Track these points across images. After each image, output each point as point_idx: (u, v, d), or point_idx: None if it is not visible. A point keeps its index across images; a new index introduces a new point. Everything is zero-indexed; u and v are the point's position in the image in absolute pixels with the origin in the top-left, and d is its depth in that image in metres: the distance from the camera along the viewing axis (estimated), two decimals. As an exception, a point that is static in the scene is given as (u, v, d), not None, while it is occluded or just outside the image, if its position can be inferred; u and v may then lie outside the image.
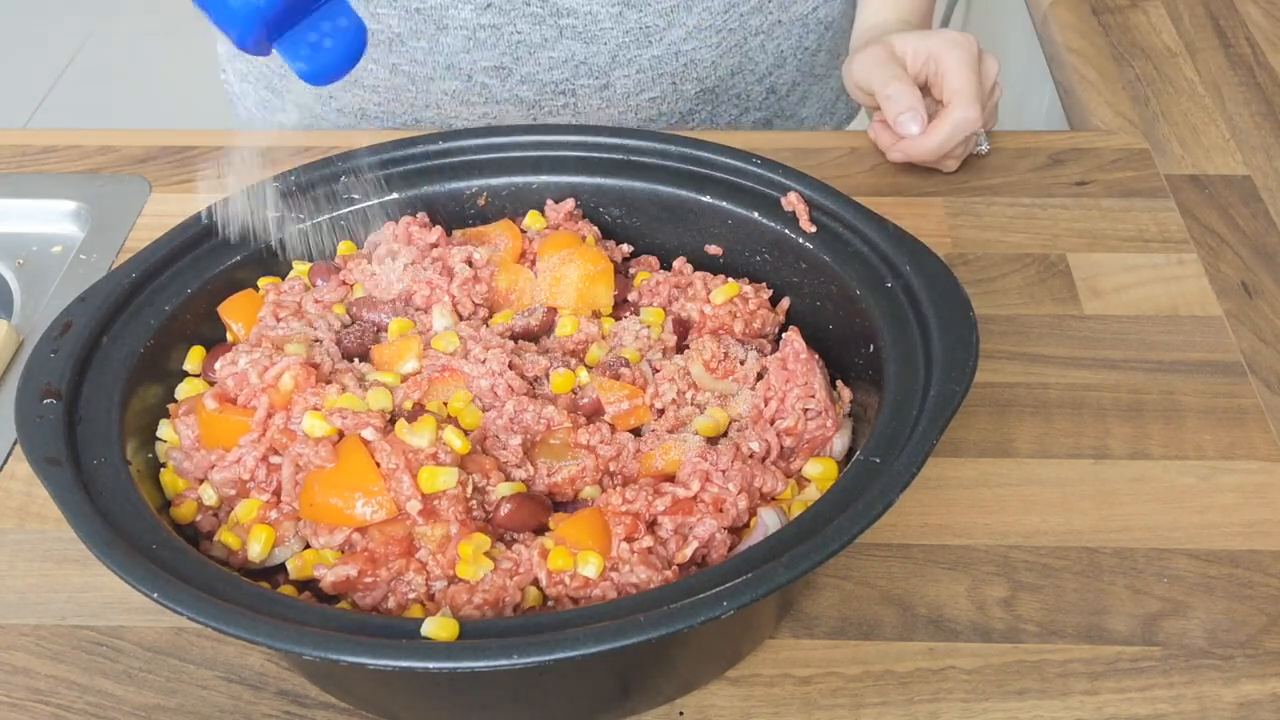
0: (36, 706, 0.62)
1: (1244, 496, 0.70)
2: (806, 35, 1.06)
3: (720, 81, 1.03)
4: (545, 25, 0.96)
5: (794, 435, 0.64)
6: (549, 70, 0.98)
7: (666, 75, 1.00)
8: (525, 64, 0.98)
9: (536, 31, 0.96)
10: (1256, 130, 0.99)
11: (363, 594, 0.57)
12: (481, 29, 0.96)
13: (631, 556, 0.57)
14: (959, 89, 0.86)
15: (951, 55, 0.87)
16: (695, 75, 1.01)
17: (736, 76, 1.03)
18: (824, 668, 0.63)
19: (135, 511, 0.57)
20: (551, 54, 0.97)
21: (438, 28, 0.96)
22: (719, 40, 0.99)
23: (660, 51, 0.98)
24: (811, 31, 1.06)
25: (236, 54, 1.09)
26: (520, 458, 0.62)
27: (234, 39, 0.58)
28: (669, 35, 0.97)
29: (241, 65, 1.09)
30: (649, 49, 0.97)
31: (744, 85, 1.05)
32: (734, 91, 1.05)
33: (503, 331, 0.69)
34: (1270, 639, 0.64)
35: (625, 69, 0.98)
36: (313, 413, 0.61)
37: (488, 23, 0.95)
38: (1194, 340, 0.80)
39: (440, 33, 0.96)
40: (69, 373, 0.62)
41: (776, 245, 0.72)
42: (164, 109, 2.64)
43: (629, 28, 0.96)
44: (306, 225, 0.73)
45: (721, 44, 1.00)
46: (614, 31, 0.96)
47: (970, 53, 0.88)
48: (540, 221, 0.75)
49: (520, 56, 0.97)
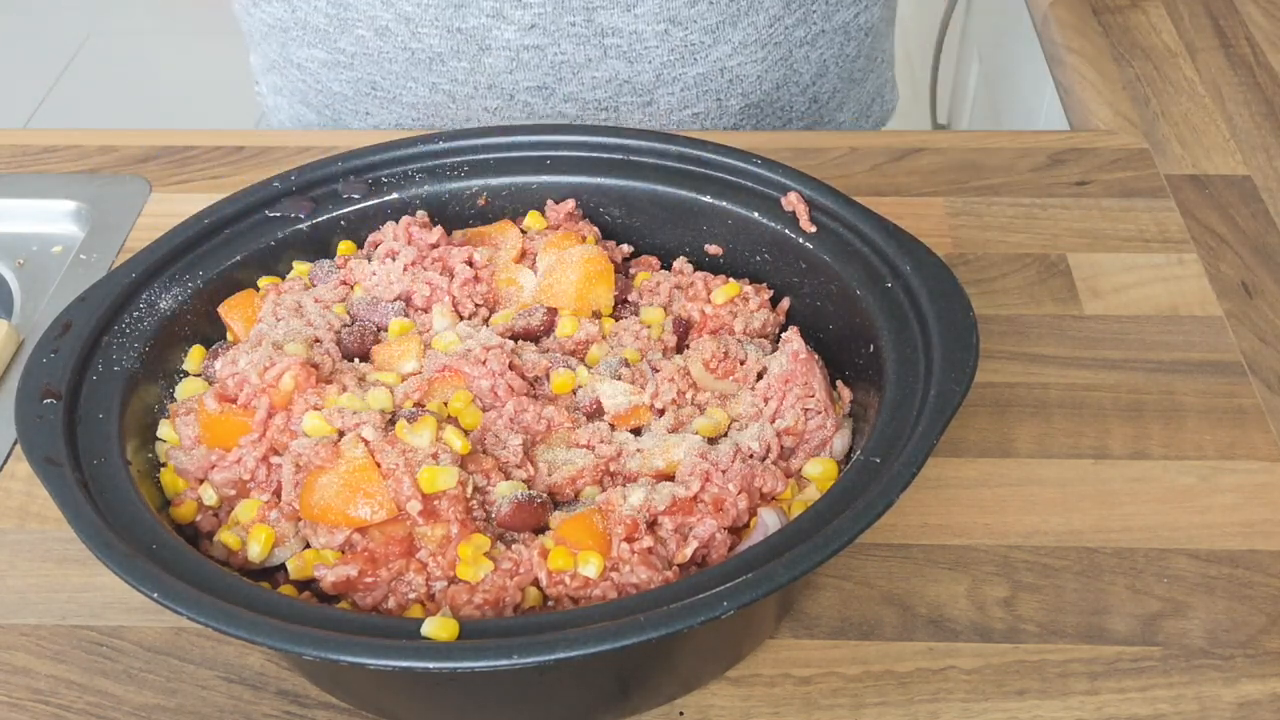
0: (36, 706, 0.62)
1: (1244, 496, 0.70)
2: (848, 43, 1.05)
3: (765, 95, 1.02)
4: (589, 45, 0.95)
5: (794, 435, 0.64)
6: (592, 89, 0.97)
7: (711, 92, 0.99)
8: (568, 83, 0.97)
9: (580, 51, 0.95)
10: (1256, 130, 0.99)
11: (363, 594, 0.57)
12: (525, 50, 0.95)
13: (631, 556, 0.57)
14: None
15: None
16: (740, 90, 1.00)
17: (781, 89, 1.03)
18: (824, 668, 0.63)
19: (135, 511, 0.57)
20: (595, 73, 0.96)
21: (480, 48, 0.95)
22: (764, 55, 0.99)
23: (705, 69, 0.97)
24: (853, 38, 1.05)
25: (271, 68, 1.08)
26: (520, 458, 0.62)
27: None
28: (714, 52, 0.97)
29: (276, 79, 1.08)
30: (694, 66, 0.97)
31: (788, 97, 1.04)
32: (778, 105, 1.04)
33: (503, 332, 0.69)
34: (1270, 639, 0.64)
35: (669, 86, 0.98)
36: (313, 413, 0.61)
37: (531, 43, 0.94)
38: (1194, 340, 0.80)
39: (482, 53, 0.95)
40: (69, 373, 0.62)
41: (776, 245, 0.72)
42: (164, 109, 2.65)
43: (674, 45, 0.95)
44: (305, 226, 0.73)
45: (767, 58, 0.99)
46: (659, 50, 0.96)
47: None
48: (540, 222, 0.75)
49: (564, 76, 0.96)
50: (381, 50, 0.96)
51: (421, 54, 0.96)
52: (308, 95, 1.05)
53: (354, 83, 1.00)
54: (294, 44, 1.01)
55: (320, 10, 0.96)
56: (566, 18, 0.93)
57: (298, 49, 1.01)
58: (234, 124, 1.18)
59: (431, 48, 0.95)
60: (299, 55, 1.01)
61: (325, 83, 1.02)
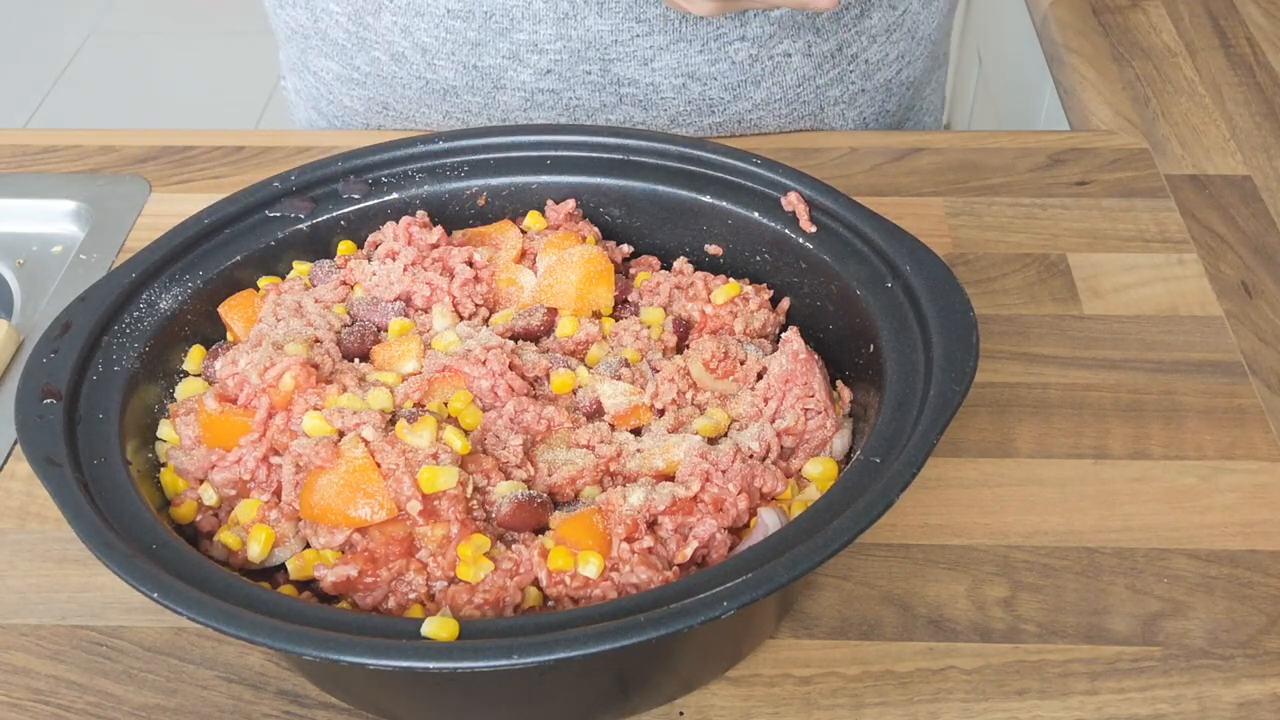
0: (36, 706, 0.62)
1: (1244, 496, 0.70)
2: (889, 99, 1.02)
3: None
4: (604, 92, 0.94)
5: (794, 435, 0.64)
6: None
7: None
8: None
9: (595, 98, 0.95)
10: (1256, 130, 0.99)
11: (363, 594, 0.57)
12: (540, 92, 0.94)
13: (632, 557, 0.57)
14: None
15: None
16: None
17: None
18: (824, 668, 0.63)
19: (135, 511, 0.57)
20: (610, 118, 0.96)
21: (495, 86, 0.94)
22: (789, 110, 0.97)
23: (722, 119, 0.96)
24: (894, 95, 1.03)
25: (292, 69, 1.08)
26: (520, 458, 0.62)
27: None
28: (733, 107, 0.96)
29: (296, 81, 1.09)
30: (710, 117, 0.96)
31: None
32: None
33: (503, 332, 0.69)
34: (1270, 639, 0.64)
35: (683, 130, 0.97)
36: (313, 413, 0.61)
37: (546, 87, 0.94)
38: (1194, 340, 0.80)
39: (497, 91, 0.95)
40: (69, 373, 0.62)
41: (776, 245, 0.72)
42: (164, 109, 2.65)
43: (691, 99, 0.95)
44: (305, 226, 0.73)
45: (793, 114, 0.97)
46: (675, 101, 0.95)
47: None
48: (541, 222, 0.75)
49: (578, 118, 0.96)
50: (396, 75, 0.96)
51: (436, 84, 0.96)
52: (320, 104, 1.05)
53: (366, 100, 1.00)
54: (312, 52, 1.01)
55: (340, 25, 0.96)
56: (582, 66, 0.93)
57: (315, 58, 1.01)
58: (234, 124, 1.18)
59: (446, 80, 0.95)
60: (316, 64, 1.02)
61: (338, 95, 1.02)
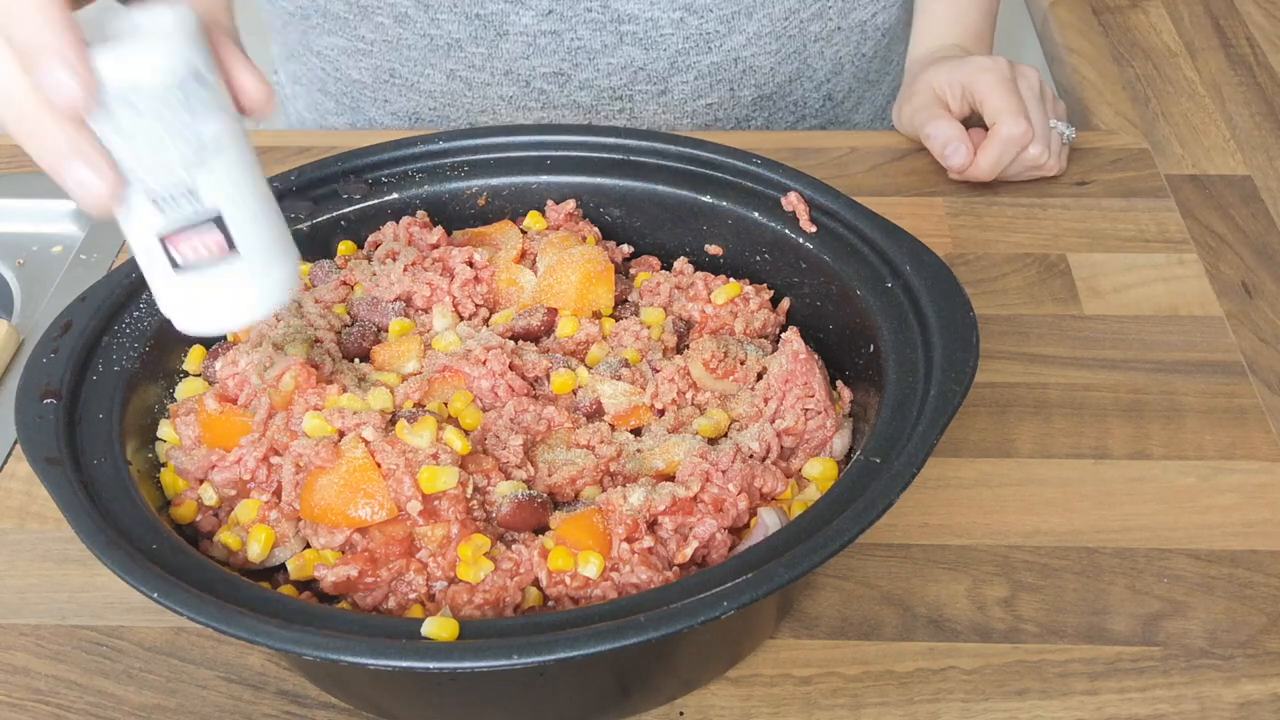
0: (36, 706, 0.62)
1: (1244, 496, 0.70)
2: (864, 42, 1.05)
3: (779, 88, 1.02)
4: (606, 31, 0.96)
5: (794, 435, 0.64)
6: (607, 76, 0.98)
7: (725, 81, 1.00)
8: (584, 70, 0.97)
9: (597, 38, 0.96)
10: (1256, 130, 0.99)
11: (363, 594, 0.57)
12: (542, 35, 0.95)
13: (632, 557, 0.57)
14: (1000, 108, 0.88)
15: (982, 79, 0.89)
16: (753, 81, 1.01)
17: (794, 83, 1.03)
18: (824, 668, 0.63)
19: (135, 511, 0.57)
20: (611, 60, 0.97)
21: (498, 34, 0.95)
22: (778, 46, 0.99)
23: (719, 58, 0.98)
24: (869, 38, 1.05)
25: (290, 56, 1.09)
26: (521, 458, 0.62)
27: None
28: (729, 41, 0.97)
29: (295, 67, 1.10)
30: (708, 55, 0.97)
31: (801, 92, 1.04)
32: (791, 99, 1.04)
33: (503, 332, 0.69)
34: (1270, 639, 0.64)
35: (684, 74, 0.98)
36: (313, 413, 0.61)
37: (548, 29, 0.95)
38: (1194, 340, 0.80)
39: (500, 39, 0.96)
40: (69, 373, 0.62)
41: (776, 245, 0.72)
42: (164, 109, 2.63)
43: (689, 34, 0.96)
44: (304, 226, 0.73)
45: (780, 50, 0.99)
46: (674, 38, 0.96)
47: (1000, 73, 0.89)
48: (541, 222, 0.75)
49: (579, 62, 0.97)
50: (400, 37, 0.97)
51: (440, 40, 0.97)
52: (326, 83, 1.06)
53: (373, 70, 1.01)
54: (314, 31, 1.02)
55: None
56: (583, 3, 0.94)
57: (318, 37, 1.02)
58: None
59: (450, 34, 0.96)
60: (319, 43, 1.03)
61: (345, 70, 1.03)
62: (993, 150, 0.88)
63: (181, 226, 0.52)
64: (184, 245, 0.52)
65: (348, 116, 1.08)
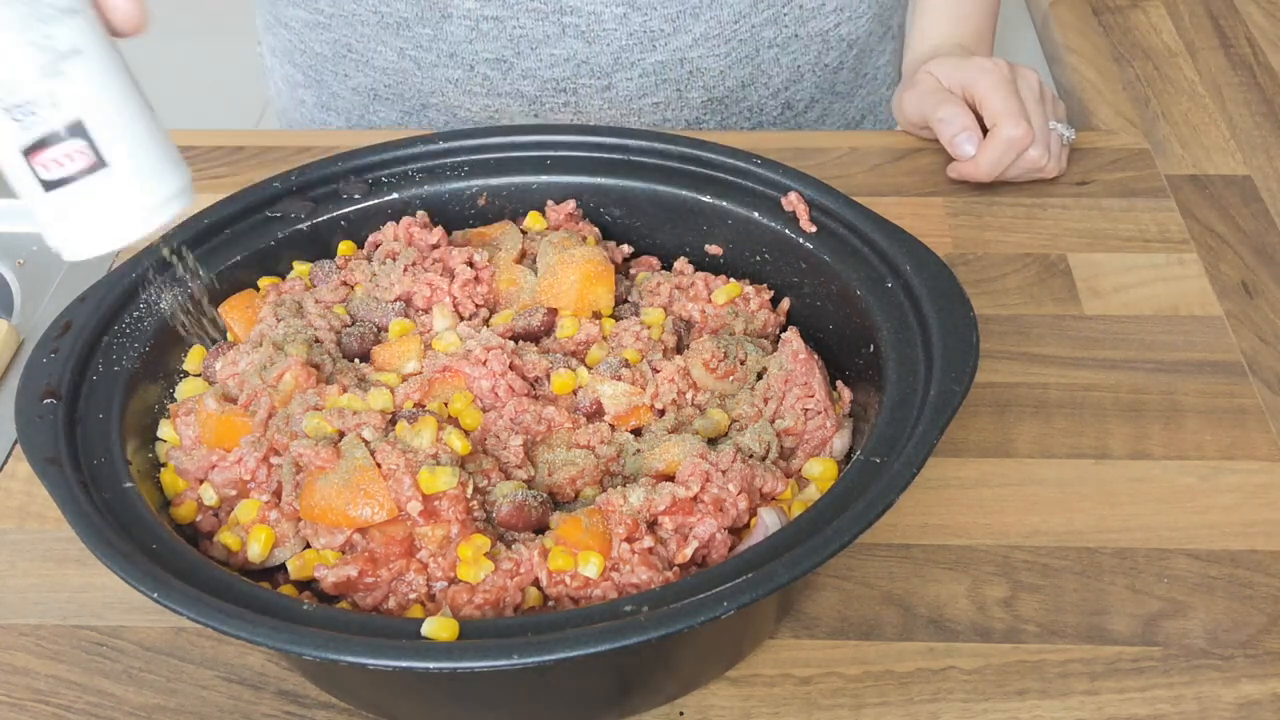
0: (36, 706, 0.62)
1: (1244, 496, 0.70)
2: (827, 51, 1.04)
3: (729, 92, 1.02)
4: (548, 22, 0.96)
5: (794, 435, 0.64)
6: (550, 67, 0.98)
7: (670, 81, 0.99)
8: (526, 59, 0.98)
9: (539, 27, 0.96)
10: (1256, 130, 0.99)
11: (363, 594, 0.57)
12: (484, 20, 0.96)
13: (632, 557, 0.57)
14: (1000, 109, 0.88)
15: (984, 81, 0.89)
16: (702, 84, 1.00)
17: (748, 89, 1.02)
18: (824, 668, 0.63)
19: (135, 511, 0.57)
20: (553, 51, 0.97)
21: (442, 15, 0.96)
22: (728, 50, 0.99)
23: (664, 57, 0.97)
24: (833, 48, 1.04)
25: (267, 27, 1.10)
26: (521, 458, 0.62)
27: None
28: (674, 41, 0.97)
29: (271, 39, 1.11)
30: (653, 53, 0.97)
31: (757, 98, 1.04)
32: (745, 104, 1.04)
33: (503, 332, 0.69)
34: (1270, 639, 0.64)
35: (628, 71, 0.98)
36: (313, 413, 0.61)
37: (490, 14, 0.95)
38: (1194, 340, 0.80)
39: (444, 20, 0.96)
40: (69, 373, 0.62)
41: (776, 245, 0.72)
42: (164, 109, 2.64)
43: (633, 30, 0.96)
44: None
45: (731, 54, 0.99)
46: (617, 33, 0.96)
47: (1000, 74, 0.89)
48: (541, 222, 0.75)
49: (521, 51, 0.97)
50: (355, 12, 0.99)
51: (390, 18, 0.98)
52: (294, 55, 1.08)
53: (333, 44, 1.03)
54: (281, 3, 1.04)
55: None
56: None
57: (285, 8, 1.04)
58: (234, 124, 1.18)
59: (398, 11, 0.97)
60: (286, 14, 1.05)
61: (309, 43, 1.05)
62: (992, 151, 0.88)
63: (40, 139, 0.50)
64: (47, 159, 0.50)
65: (314, 90, 1.08)
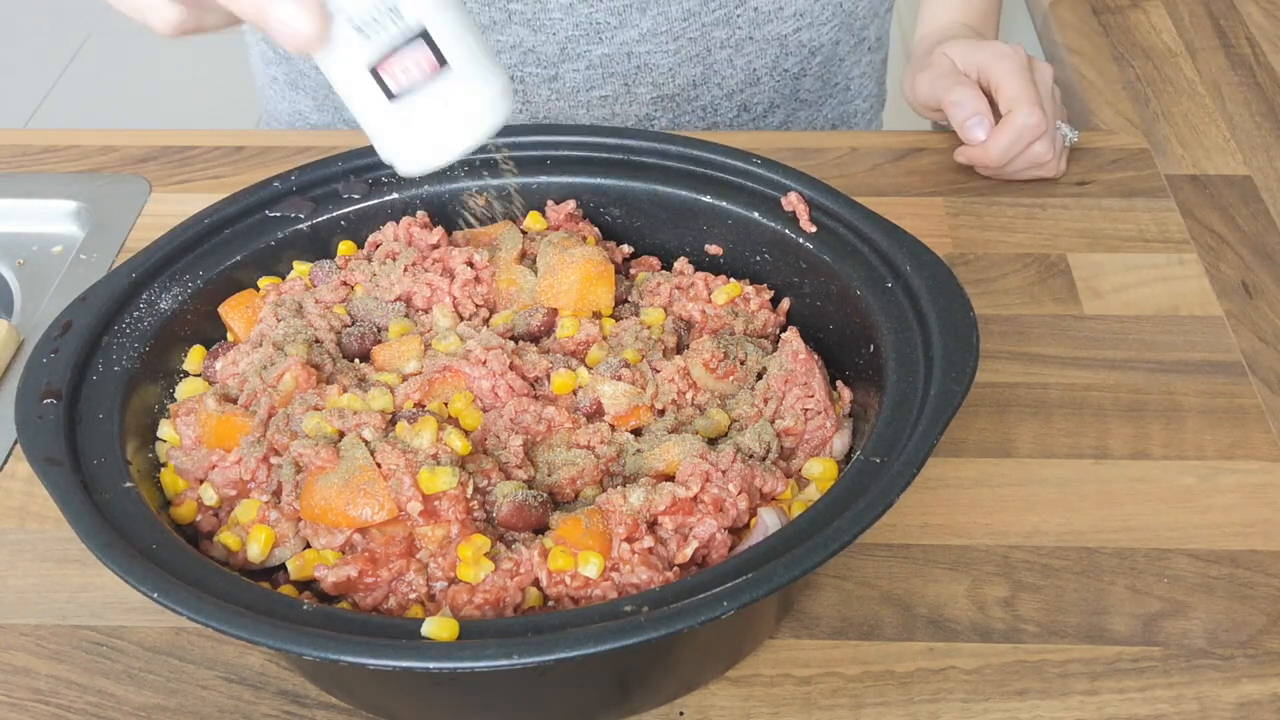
0: (36, 706, 0.62)
1: (1244, 496, 0.70)
2: (785, 56, 1.03)
3: (680, 90, 1.01)
4: (494, 8, 0.95)
5: (794, 435, 0.64)
6: (497, 54, 0.97)
7: (618, 75, 0.99)
8: None
9: (485, 12, 0.96)
10: (1256, 130, 0.99)
11: (363, 594, 0.57)
12: None
13: (632, 557, 0.57)
14: (1017, 95, 0.87)
15: (1001, 65, 0.88)
16: (650, 80, 0.99)
17: (700, 88, 1.01)
18: (824, 668, 0.63)
19: (135, 511, 0.57)
20: (500, 37, 0.97)
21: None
22: (676, 47, 0.98)
23: (611, 50, 0.97)
24: (792, 54, 1.03)
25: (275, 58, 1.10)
26: (521, 458, 0.62)
27: None
28: (620, 35, 0.96)
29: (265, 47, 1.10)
30: (599, 45, 0.96)
31: (710, 98, 1.03)
32: (698, 103, 1.03)
33: (503, 332, 0.69)
34: (1270, 639, 0.64)
35: (574, 63, 0.97)
36: (313, 413, 0.61)
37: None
38: (1194, 340, 0.80)
39: None
40: (69, 373, 0.62)
41: (776, 245, 0.72)
42: (164, 109, 2.64)
43: (579, 21, 0.95)
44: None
45: (680, 51, 0.98)
46: (564, 23, 0.95)
47: (1019, 60, 0.88)
48: (541, 222, 0.75)
49: None
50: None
51: None
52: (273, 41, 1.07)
53: None
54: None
55: None
56: None
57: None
58: (234, 124, 1.18)
59: None
60: None
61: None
62: (1005, 136, 0.86)
63: (388, 50, 0.51)
64: (396, 68, 0.51)
65: (284, 67, 1.08)
